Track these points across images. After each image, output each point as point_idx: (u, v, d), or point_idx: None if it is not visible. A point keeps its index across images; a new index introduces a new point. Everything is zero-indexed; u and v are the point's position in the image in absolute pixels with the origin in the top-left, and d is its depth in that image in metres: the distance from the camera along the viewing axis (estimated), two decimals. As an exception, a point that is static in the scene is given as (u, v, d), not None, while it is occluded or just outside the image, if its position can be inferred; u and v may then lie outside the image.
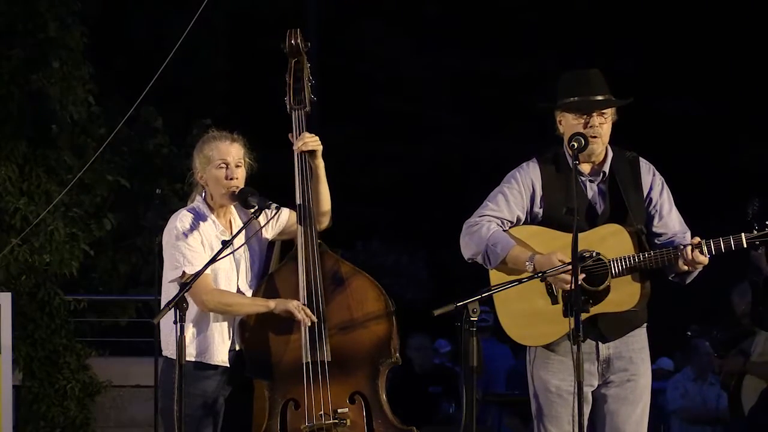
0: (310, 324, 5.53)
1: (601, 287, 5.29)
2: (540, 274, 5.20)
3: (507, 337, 5.50)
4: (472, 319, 5.00)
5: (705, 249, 5.24)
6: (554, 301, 5.34)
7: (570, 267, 5.08)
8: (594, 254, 5.29)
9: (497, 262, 5.39)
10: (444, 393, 10.22)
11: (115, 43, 14.52)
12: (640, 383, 5.45)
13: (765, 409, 8.87)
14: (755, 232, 5.20)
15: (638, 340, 5.47)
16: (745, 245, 5.21)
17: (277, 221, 5.74)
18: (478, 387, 5.17)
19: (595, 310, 5.27)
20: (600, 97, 5.41)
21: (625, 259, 5.29)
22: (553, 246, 5.31)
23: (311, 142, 5.67)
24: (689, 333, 8.26)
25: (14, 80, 9.86)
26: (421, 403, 9.77)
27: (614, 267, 5.28)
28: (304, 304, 5.55)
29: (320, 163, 5.69)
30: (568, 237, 5.14)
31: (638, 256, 5.28)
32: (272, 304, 5.54)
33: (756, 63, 16.38)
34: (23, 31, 9.98)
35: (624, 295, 5.31)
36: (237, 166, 5.62)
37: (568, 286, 5.16)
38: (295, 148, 5.69)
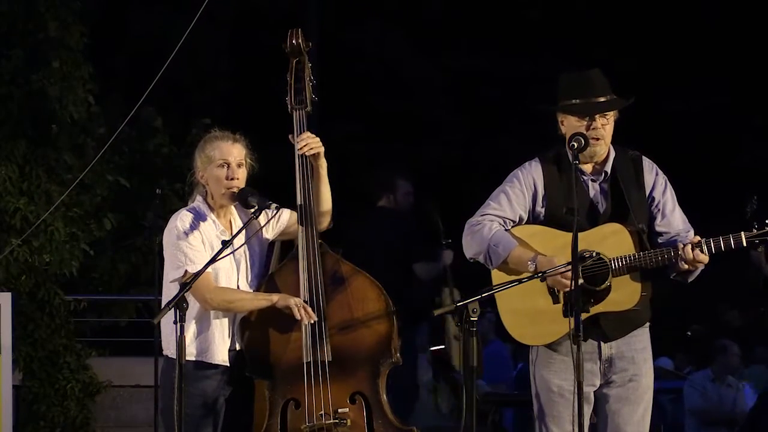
0: (309, 323, 5.53)
1: (602, 287, 5.29)
2: (540, 274, 5.19)
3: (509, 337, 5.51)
4: (472, 319, 4.99)
5: (705, 248, 5.24)
6: (555, 301, 5.33)
7: (570, 267, 5.08)
8: (594, 254, 5.28)
9: (499, 263, 5.39)
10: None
11: (115, 43, 14.51)
12: (642, 383, 5.45)
13: (765, 411, 8.86)
14: (755, 231, 5.21)
15: (640, 339, 5.47)
16: (744, 244, 5.21)
17: (278, 221, 5.73)
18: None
19: (595, 309, 5.27)
20: (602, 99, 5.40)
21: (625, 258, 5.28)
22: (554, 245, 5.31)
23: (313, 144, 5.66)
24: (689, 333, 8.27)
25: (14, 80, 9.85)
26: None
27: (614, 266, 5.28)
28: (305, 303, 5.55)
29: (322, 163, 5.68)
30: (569, 236, 5.13)
31: (638, 255, 5.28)
32: (275, 297, 5.54)
33: (757, 63, 16.37)
34: (23, 31, 9.97)
35: (625, 294, 5.31)
36: (238, 166, 5.61)
37: (567, 288, 5.16)
38: (297, 150, 5.68)
